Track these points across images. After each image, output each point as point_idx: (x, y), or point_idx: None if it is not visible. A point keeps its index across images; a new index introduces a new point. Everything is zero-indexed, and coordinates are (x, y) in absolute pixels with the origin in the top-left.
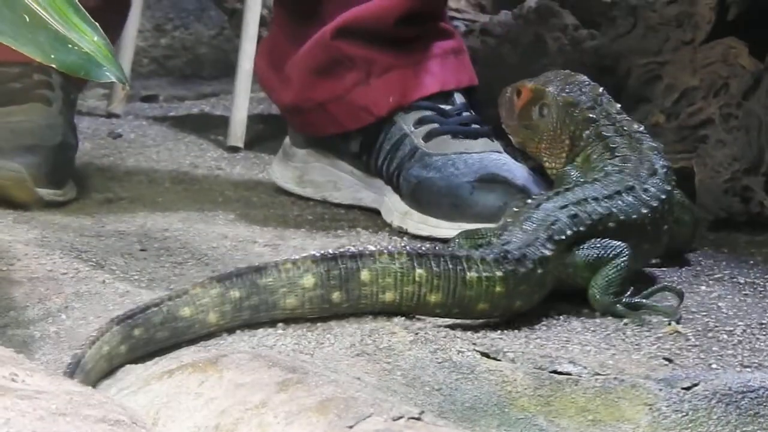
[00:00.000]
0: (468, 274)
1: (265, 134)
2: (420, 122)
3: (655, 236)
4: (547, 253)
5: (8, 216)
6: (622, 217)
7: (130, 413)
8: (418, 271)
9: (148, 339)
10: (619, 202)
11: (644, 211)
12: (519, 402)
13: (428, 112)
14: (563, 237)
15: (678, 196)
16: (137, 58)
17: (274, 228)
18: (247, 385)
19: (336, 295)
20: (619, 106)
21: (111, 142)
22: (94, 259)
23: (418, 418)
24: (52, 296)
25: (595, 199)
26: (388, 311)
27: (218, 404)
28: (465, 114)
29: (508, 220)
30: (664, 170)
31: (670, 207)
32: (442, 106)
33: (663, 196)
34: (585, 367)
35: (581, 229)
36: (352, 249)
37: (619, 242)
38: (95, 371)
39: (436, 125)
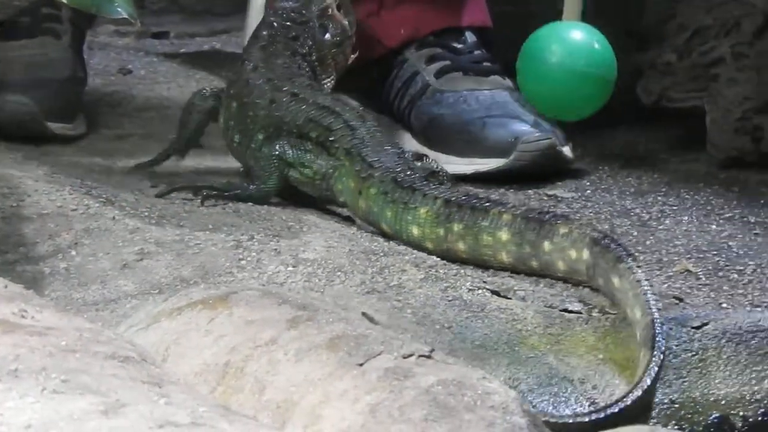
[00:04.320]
0: None
1: None
2: (431, 59)
3: None
4: None
5: (18, 152)
6: None
7: (140, 350)
8: None
9: None
10: None
11: None
12: (529, 340)
13: (440, 50)
14: None
15: None
16: None
17: None
18: (257, 323)
19: None
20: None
21: (121, 78)
22: (104, 196)
23: (428, 356)
24: (61, 232)
25: None
26: None
27: (228, 341)
28: (476, 52)
29: None
30: None
31: None
32: (454, 44)
33: None
34: (594, 306)
35: None
36: None
37: None
38: None
39: (447, 62)
